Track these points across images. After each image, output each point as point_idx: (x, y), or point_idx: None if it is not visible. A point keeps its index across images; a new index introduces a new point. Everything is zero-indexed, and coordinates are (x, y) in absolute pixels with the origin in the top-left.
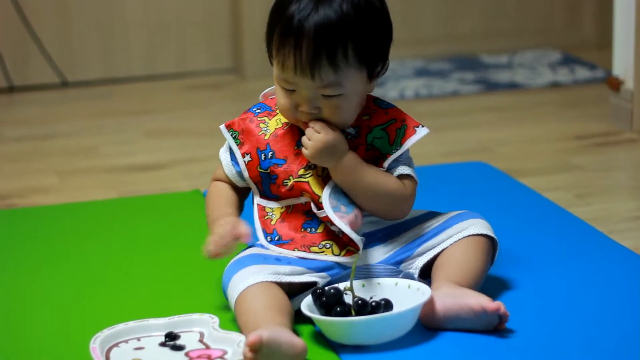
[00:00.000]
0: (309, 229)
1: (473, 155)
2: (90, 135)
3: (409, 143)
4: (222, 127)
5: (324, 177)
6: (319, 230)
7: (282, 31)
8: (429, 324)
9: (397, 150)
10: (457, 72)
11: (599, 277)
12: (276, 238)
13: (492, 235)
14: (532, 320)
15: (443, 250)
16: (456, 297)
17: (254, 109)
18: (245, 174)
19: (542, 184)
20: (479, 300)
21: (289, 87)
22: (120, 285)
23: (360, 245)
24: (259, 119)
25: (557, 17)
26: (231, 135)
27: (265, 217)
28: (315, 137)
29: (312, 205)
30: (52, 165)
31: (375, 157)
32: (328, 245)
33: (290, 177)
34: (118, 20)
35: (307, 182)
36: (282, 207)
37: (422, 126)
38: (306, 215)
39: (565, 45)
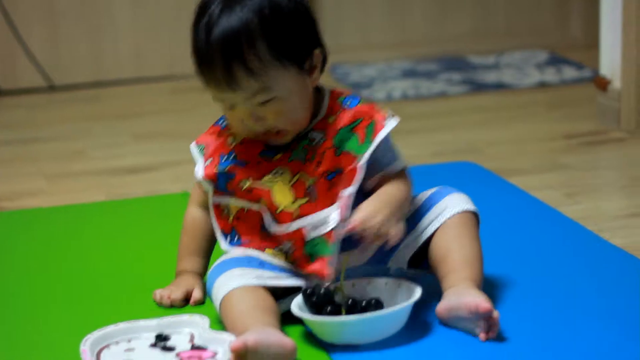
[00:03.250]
0: (267, 231)
1: (462, 156)
2: (79, 139)
3: (378, 138)
4: (192, 145)
5: (292, 184)
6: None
7: (195, 55)
8: (441, 321)
9: (369, 148)
10: (445, 73)
11: (590, 276)
12: (235, 238)
13: (473, 209)
14: (523, 320)
15: (430, 236)
16: (460, 296)
17: (220, 122)
18: (200, 173)
19: (531, 184)
20: (476, 300)
21: (228, 105)
22: (110, 287)
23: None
24: (227, 132)
25: (544, 17)
26: (198, 148)
27: (222, 215)
28: (370, 224)
29: (268, 216)
30: (41, 169)
31: (349, 161)
32: (284, 250)
33: (250, 178)
34: (106, 23)
35: (269, 190)
36: (237, 206)
37: (391, 117)
38: (261, 220)
39: (553, 45)
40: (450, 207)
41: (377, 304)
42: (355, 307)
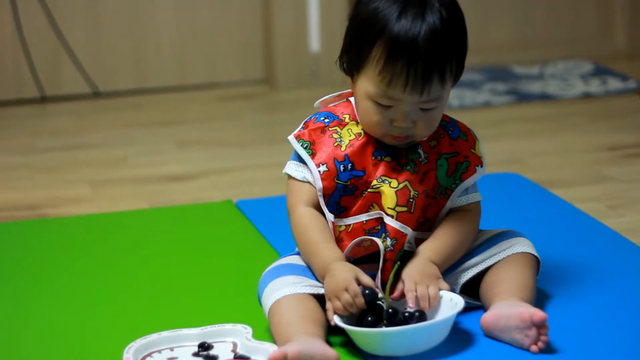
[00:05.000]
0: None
1: (505, 166)
2: (122, 146)
3: (467, 182)
4: (292, 138)
5: (397, 190)
6: None
7: (391, 49)
8: (486, 332)
9: (456, 185)
10: (489, 83)
11: (636, 289)
12: None
13: (536, 254)
14: (569, 332)
15: (488, 267)
16: (512, 306)
17: (321, 119)
18: (319, 184)
19: (574, 195)
20: (530, 310)
21: (388, 104)
22: (153, 295)
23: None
24: (330, 129)
25: (588, 27)
26: (302, 145)
27: None
28: (432, 294)
29: (379, 243)
30: (84, 176)
31: (435, 186)
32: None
33: (369, 189)
34: (149, 30)
35: (379, 192)
36: (341, 226)
37: (482, 165)
38: (366, 234)
39: (597, 55)
40: (515, 246)
41: (420, 315)
42: (395, 317)
